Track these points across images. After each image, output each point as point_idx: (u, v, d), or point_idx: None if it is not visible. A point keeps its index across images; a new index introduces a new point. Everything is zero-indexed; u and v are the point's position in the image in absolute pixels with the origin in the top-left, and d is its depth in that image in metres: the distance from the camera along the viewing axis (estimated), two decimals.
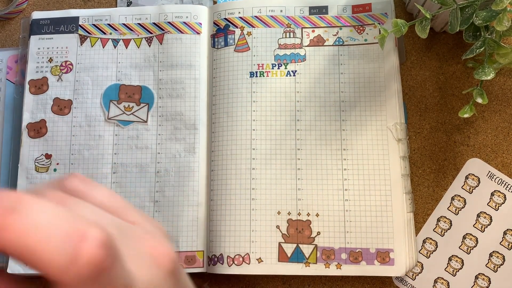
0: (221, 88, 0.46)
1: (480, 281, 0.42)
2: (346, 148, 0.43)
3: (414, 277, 0.42)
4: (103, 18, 0.49)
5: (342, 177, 0.43)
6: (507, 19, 0.36)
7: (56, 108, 0.47)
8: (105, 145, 0.46)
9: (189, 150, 0.45)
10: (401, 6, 0.48)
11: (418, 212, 0.44)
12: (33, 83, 0.48)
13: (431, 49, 0.47)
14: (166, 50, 0.47)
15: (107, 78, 0.47)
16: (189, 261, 0.43)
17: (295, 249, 0.42)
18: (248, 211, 0.43)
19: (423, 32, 0.38)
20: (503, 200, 0.43)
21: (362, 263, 0.41)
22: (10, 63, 0.50)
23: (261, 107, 0.45)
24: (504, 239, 0.42)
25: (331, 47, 0.46)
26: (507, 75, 0.46)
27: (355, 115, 0.44)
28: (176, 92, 0.46)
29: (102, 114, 0.47)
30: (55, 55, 0.48)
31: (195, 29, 0.48)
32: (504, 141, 0.44)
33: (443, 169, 0.44)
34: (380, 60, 0.45)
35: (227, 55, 0.46)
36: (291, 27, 0.47)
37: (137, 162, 0.45)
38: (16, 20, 0.53)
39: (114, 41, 0.48)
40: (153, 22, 0.48)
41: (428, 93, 0.46)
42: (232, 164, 0.44)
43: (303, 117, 0.44)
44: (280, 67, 0.46)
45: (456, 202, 0.43)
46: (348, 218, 0.42)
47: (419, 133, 0.45)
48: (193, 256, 0.43)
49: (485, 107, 0.45)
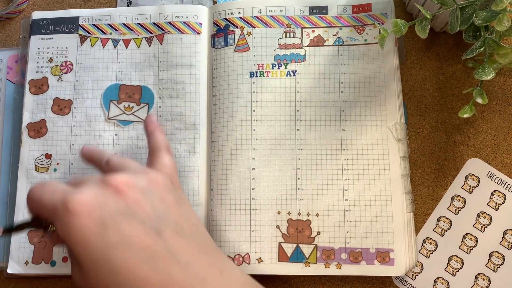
0: (221, 88, 0.46)
1: (480, 281, 0.42)
2: (346, 148, 0.43)
3: (414, 277, 0.42)
4: (103, 18, 0.49)
5: (342, 177, 0.43)
6: (507, 19, 0.36)
7: (56, 108, 0.47)
8: (105, 145, 0.46)
9: (189, 150, 0.45)
10: (401, 6, 0.48)
11: (418, 212, 0.44)
12: (33, 83, 0.48)
13: (431, 49, 0.47)
14: (166, 50, 0.47)
15: (107, 78, 0.47)
16: None
17: (295, 249, 0.42)
18: (248, 211, 0.43)
19: (423, 32, 0.38)
20: (503, 200, 0.43)
21: (362, 263, 0.41)
22: (10, 63, 0.50)
23: (261, 107, 0.45)
24: (504, 239, 0.42)
25: (331, 47, 0.46)
26: (507, 75, 0.46)
27: (355, 115, 0.44)
28: (176, 92, 0.46)
29: (102, 114, 0.47)
30: (55, 55, 0.48)
31: (195, 29, 0.48)
32: (504, 141, 0.44)
33: (443, 169, 0.44)
34: (380, 60, 0.45)
35: (227, 55, 0.46)
36: (291, 27, 0.47)
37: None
38: (16, 20, 0.53)
39: (114, 41, 0.48)
40: (153, 22, 0.48)
41: (428, 93, 0.46)
42: (232, 164, 0.44)
43: (303, 117, 0.44)
44: (280, 67, 0.46)
45: (456, 202, 0.43)
46: (348, 218, 0.42)
47: (419, 133, 0.45)
48: None
49: (485, 107, 0.45)
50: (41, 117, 0.47)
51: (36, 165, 0.46)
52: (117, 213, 0.27)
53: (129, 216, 0.27)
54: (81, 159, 0.40)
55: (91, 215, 0.26)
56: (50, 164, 0.46)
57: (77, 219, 0.26)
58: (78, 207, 0.26)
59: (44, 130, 0.46)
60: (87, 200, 0.27)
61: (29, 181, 0.45)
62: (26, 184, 0.45)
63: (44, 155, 0.46)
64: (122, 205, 0.28)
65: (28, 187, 0.45)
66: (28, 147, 0.46)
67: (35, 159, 0.46)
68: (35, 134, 0.46)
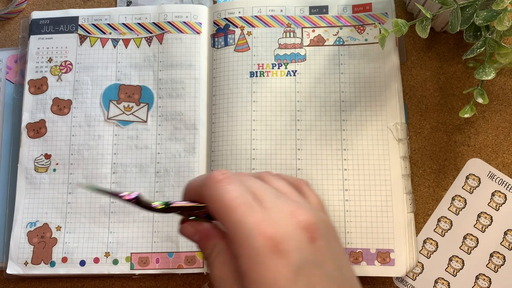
0: (221, 88, 0.46)
1: (480, 281, 0.41)
2: (347, 148, 0.43)
3: (415, 277, 0.42)
4: (102, 18, 0.49)
5: (343, 177, 0.43)
6: (508, 19, 0.36)
7: (55, 108, 0.47)
8: (105, 145, 0.46)
9: (189, 150, 0.45)
10: (401, 6, 0.48)
11: (419, 212, 0.44)
12: (33, 83, 0.47)
13: (432, 49, 0.47)
14: (166, 50, 0.47)
15: (107, 78, 0.47)
16: (189, 262, 0.43)
17: None
18: None
19: (424, 32, 0.38)
20: (503, 200, 0.43)
21: (363, 264, 0.41)
22: (10, 63, 0.50)
23: (261, 107, 0.45)
24: (505, 239, 0.42)
25: (332, 47, 0.46)
26: (508, 75, 0.46)
27: (356, 115, 0.44)
28: (176, 92, 0.46)
29: (101, 114, 0.46)
30: (54, 55, 0.48)
31: (195, 29, 0.48)
32: (504, 141, 0.44)
33: (443, 169, 0.44)
34: (381, 60, 0.45)
35: (227, 55, 0.46)
36: (291, 27, 0.47)
37: (137, 162, 0.45)
38: (16, 20, 0.53)
39: (114, 40, 0.48)
40: (153, 22, 0.48)
41: (428, 93, 0.46)
42: (232, 164, 0.44)
43: (303, 117, 0.44)
44: (280, 67, 0.46)
45: (456, 202, 0.43)
46: (348, 218, 0.42)
47: (420, 133, 0.45)
48: (193, 257, 0.43)
49: (485, 107, 0.45)
50: (40, 117, 0.47)
51: (36, 165, 0.46)
52: (310, 262, 0.25)
53: (320, 269, 0.25)
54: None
55: (289, 260, 0.24)
56: (49, 164, 0.46)
57: (275, 262, 0.23)
58: (282, 248, 0.24)
59: (44, 130, 0.46)
60: (286, 241, 0.24)
61: (28, 181, 0.45)
62: (25, 184, 0.45)
63: (43, 155, 0.46)
64: (313, 254, 0.25)
65: (27, 187, 0.45)
66: (27, 147, 0.46)
67: (35, 159, 0.46)
68: (35, 134, 0.46)
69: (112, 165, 0.45)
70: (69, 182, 0.45)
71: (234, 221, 0.24)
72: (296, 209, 0.26)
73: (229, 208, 0.25)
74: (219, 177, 0.26)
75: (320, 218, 0.27)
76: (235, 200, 0.25)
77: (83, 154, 0.45)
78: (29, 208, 0.44)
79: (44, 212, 0.44)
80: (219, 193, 0.25)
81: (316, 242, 0.25)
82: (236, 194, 0.25)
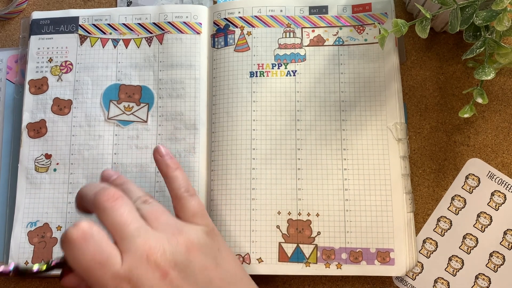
0: (221, 88, 0.46)
1: (480, 281, 0.42)
2: (346, 148, 0.43)
3: (414, 277, 0.42)
4: (103, 18, 0.49)
5: (342, 177, 0.43)
6: (507, 19, 0.36)
7: (56, 108, 0.47)
8: (105, 145, 0.46)
9: (189, 150, 0.45)
10: (401, 6, 0.48)
11: (418, 212, 0.44)
12: (33, 83, 0.48)
13: (431, 49, 0.47)
14: (166, 50, 0.47)
15: (107, 78, 0.47)
16: None
17: (295, 249, 0.42)
18: (248, 211, 0.43)
19: (423, 32, 0.38)
20: (503, 200, 0.43)
21: (362, 263, 0.41)
22: (10, 63, 0.50)
23: (261, 107, 0.45)
24: (504, 239, 0.42)
25: (331, 47, 0.46)
26: (507, 75, 0.46)
27: (355, 115, 0.44)
28: (176, 92, 0.46)
29: (102, 114, 0.47)
30: (55, 55, 0.48)
31: (195, 29, 0.48)
32: (504, 141, 0.44)
33: (443, 169, 0.44)
34: (380, 60, 0.45)
35: (227, 55, 0.46)
36: (291, 27, 0.47)
37: (137, 162, 0.45)
38: (16, 20, 0.53)
39: (114, 41, 0.48)
40: (153, 22, 0.48)
41: (428, 93, 0.46)
42: (232, 164, 0.44)
43: (303, 117, 0.44)
44: (280, 67, 0.46)
45: (456, 202, 0.43)
46: (348, 218, 0.42)
47: (419, 133, 0.45)
48: None
49: (485, 107, 0.45)
50: (40, 117, 0.47)
51: (36, 165, 0.46)
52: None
53: None
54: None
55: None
56: (50, 164, 0.46)
57: None
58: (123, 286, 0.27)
59: (44, 130, 0.46)
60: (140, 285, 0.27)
61: (28, 181, 0.45)
62: (26, 184, 0.45)
63: (44, 155, 0.46)
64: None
65: (27, 187, 0.45)
66: (27, 147, 0.46)
67: (35, 159, 0.46)
68: (35, 134, 0.46)
69: (113, 165, 0.45)
70: (70, 182, 0.45)
71: (92, 280, 0.28)
72: (151, 252, 0.28)
73: (86, 270, 0.28)
74: (77, 236, 0.29)
75: (176, 249, 0.29)
76: (90, 262, 0.28)
77: (84, 154, 0.46)
78: (29, 208, 0.45)
79: (44, 212, 0.44)
80: (75, 255, 0.29)
81: (167, 278, 0.27)
82: (89, 257, 0.28)
